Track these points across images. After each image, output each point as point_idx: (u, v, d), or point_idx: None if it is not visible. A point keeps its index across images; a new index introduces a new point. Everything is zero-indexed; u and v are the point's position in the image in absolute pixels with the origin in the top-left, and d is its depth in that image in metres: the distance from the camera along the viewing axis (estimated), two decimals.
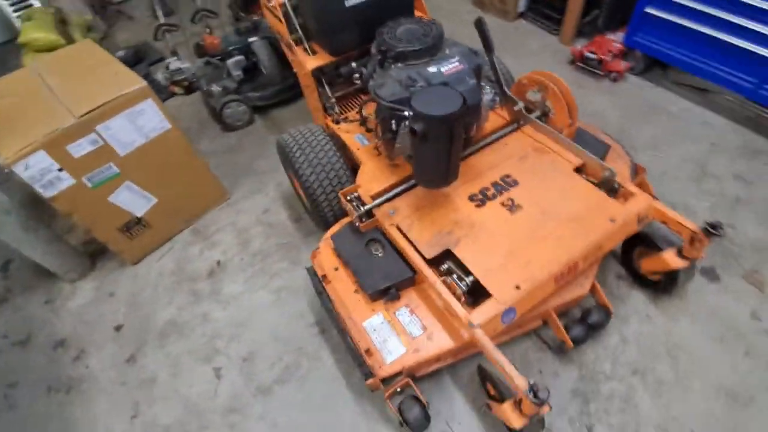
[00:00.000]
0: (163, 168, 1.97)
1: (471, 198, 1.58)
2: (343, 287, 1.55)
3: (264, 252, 2.08)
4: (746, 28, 1.96)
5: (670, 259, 1.44)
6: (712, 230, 1.32)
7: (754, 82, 2.06)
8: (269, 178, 2.44)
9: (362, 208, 1.54)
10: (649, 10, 2.32)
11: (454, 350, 1.38)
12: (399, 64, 1.49)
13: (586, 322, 1.50)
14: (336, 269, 1.62)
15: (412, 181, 1.65)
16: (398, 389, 1.36)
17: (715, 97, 2.40)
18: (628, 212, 1.44)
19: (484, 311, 1.28)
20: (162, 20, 3.10)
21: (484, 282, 1.34)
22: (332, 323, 1.55)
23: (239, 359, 1.72)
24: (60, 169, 1.65)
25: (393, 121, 1.50)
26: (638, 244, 1.62)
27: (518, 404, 1.17)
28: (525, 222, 1.48)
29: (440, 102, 1.21)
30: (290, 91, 2.82)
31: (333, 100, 1.94)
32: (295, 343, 1.73)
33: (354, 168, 1.77)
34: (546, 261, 1.36)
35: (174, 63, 3.01)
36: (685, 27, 2.21)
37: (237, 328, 1.81)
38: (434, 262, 1.45)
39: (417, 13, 1.99)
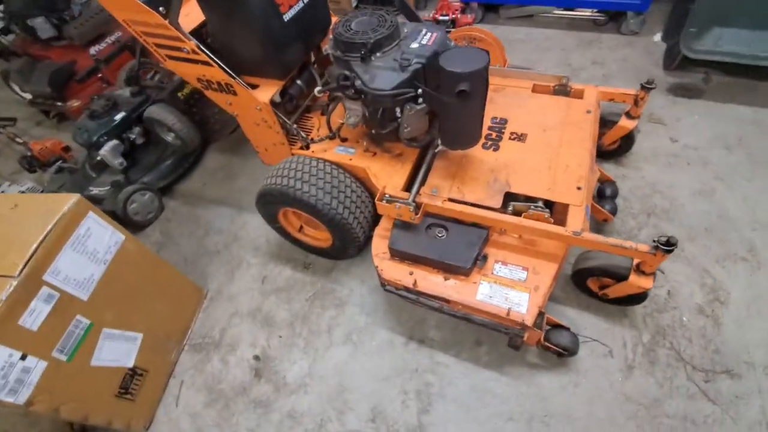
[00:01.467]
0: (133, 291, 1.52)
1: (484, 147, 1.69)
2: (431, 283, 1.50)
3: (299, 315, 1.81)
4: None
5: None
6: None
7: None
8: (237, 248, 2.11)
9: (413, 202, 1.50)
10: None
11: (559, 267, 1.50)
12: (377, 54, 1.48)
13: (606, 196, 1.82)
14: (411, 273, 1.55)
15: (428, 158, 1.68)
16: (547, 327, 1.42)
17: (539, 19, 3.07)
18: (591, 101, 1.78)
19: (575, 217, 1.43)
20: None
21: (557, 198, 1.49)
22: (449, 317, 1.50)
23: (367, 422, 1.50)
24: (23, 357, 1.13)
25: (397, 108, 1.49)
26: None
27: (639, 268, 1.38)
28: (538, 143, 1.68)
29: (469, 59, 1.27)
30: (191, 156, 2.45)
31: (295, 126, 1.78)
32: (408, 368, 1.60)
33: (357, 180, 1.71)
34: (576, 159, 1.59)
35: (11, 189, 2.26)
36: None
37: (337, 399, 1.56)
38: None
39: None
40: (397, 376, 1.59)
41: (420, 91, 1.42)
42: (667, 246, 1.27)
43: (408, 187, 1.63)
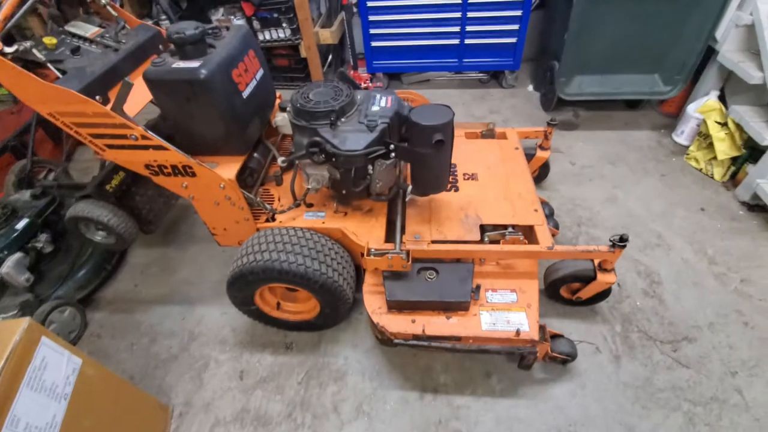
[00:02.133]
0: (100, 422, 1.22)
1: (446, 189, 1.85)
2: (436, 325, 1.53)
3: (296, 403, 1.63)
4: (441, 33, 3.06)
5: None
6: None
7: (456, 61, 3.23)
8: (197, 347, 1.85)
9: (402, 254, 1.54)
10: (375, 44, 3.17)
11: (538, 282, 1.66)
12: (342, 119, 1.56)
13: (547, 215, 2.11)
14: (413, 321, 1.56)
15: (400, 208, 1.76)
16: (550, 336, 1.53)
17: (435, 82, 3.56)
18: (515, 139, 2.11)
19: (542, 234, 1.63)
20: None
21: (522, 222, 1.69)
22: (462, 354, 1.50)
23: None
24: None
25: (369, 166, 1.57)
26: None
27: (600, 266, 1.61)
28: (488, 179, 1.90)
29: (436, 114, 1.44)
30: (113, 257, 2.14)
31: (259, 199, 1.71)
32: (431, 422, 1.53)
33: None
34: (524, 187, 1.84)
35: None
36: (401, 46, 3.17)
37: None
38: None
39: None
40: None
41: (392, 147, 1.53)
42: (621, 242, 1.52)
43: (388, 239, 1.68)
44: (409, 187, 1.70)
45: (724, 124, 2.31)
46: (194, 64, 1.37)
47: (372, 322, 1.61)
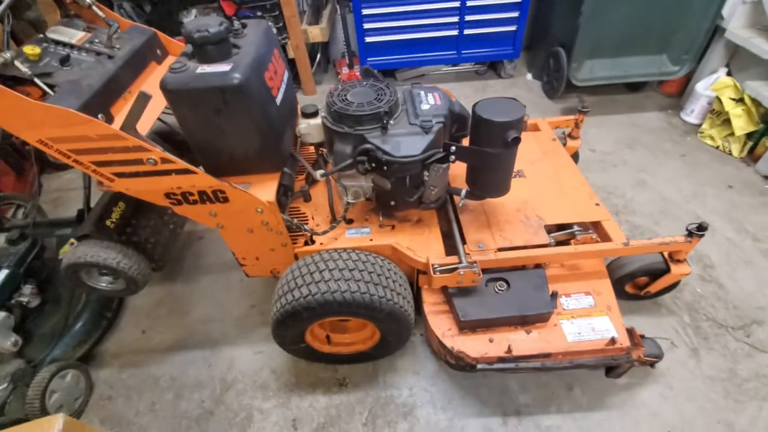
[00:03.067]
0: None
1: None
2: (519, 342, 1.38)
3: None
4: (439, 24, 2.90)
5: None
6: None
7: (455, 53, 3.09)
8: (234, 397, 1.60)
9: (474, 268, 1.37)
10: (369, 39, 2.97)
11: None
12: (391, 122, 1.37)
13: None
14: (491, 340, 1.40)
15: (453, 215, 1.59)
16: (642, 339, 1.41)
17: (431, 77, 3.41)
18: (548, 130, 2.00)
19: (613, 230, 1.52)
20: None
21: (588, 218, 1.57)
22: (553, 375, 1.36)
23: None
24: None
25: (425, 172, 1.40)
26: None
27: (671, 257, 1.52)
28: (537, 175, 1.77)
29: (506, 108, 1.29)
30: (112, 304, 1.84)
31: (296, 220, 1.48)
32: None
33: None
34: (575, 179, 1.74)
35: None
36: (398, 40, 2.99)
37: None
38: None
39: None
40: None
41: (453, 149, 1.36)
42: (699, 231, 1.44)
43: (449, 251, 1.51)
44: (463, 191, 1.53)
45: (739, 100, 2.32)
46: (224, 67, 1.13)
47: (440, 346, 1.44)
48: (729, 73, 2.48)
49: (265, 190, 1.34)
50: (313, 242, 1.54)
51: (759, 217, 2.06)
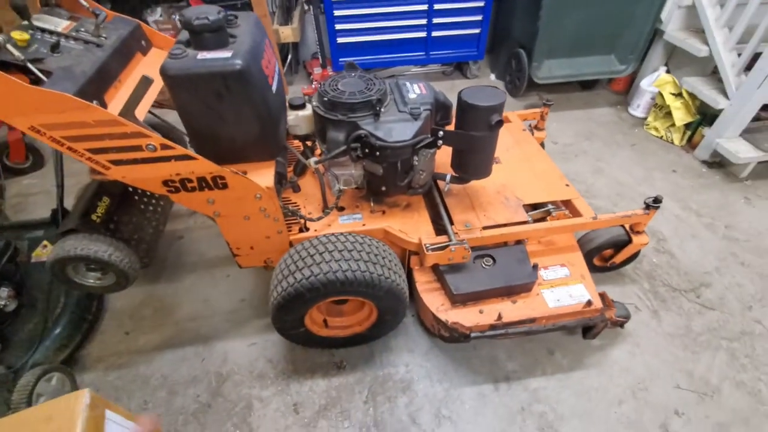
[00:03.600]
0: None
1: None
2: (507, 311, 1.50)
3: (368, 424, 1.48)
4: (409, 26, 3.03)
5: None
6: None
7: (423, 54, 3.23)
8: (232, 389, 1.60)
9: (464, 244, 1.47)
10: (341, 40, 3.04)
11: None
12: (382, 109, 1.45)
13: None
14: (481, 311, 1.50)
15: (439, 199, 1.69)
16: (612, 302, 1.57)
17: (399, 78, 3.53)
18: (518, 122, 2.17)
19: (582, 206, 1.68)
20: None
21: (562, 197, 1.73)
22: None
23: None
24: None
25: (414, 157, 1.49)
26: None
27: (632, 230, 1.71)
28: (512, 161, 1.91)
29: (489, 94, 1.40)
30: (92, 305, 1.77)
31: (291, 207, 1.51)
32: (514, 411, 1.49)
33: None
34: (546, 164, 1.89)
35: None
36: (369, 41, 3.09)
37: None
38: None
39: None
40: (511, 425, 1.46)
41: (440, 133, 1.46)
42: (655, 203, 1.63)
43: (438, 232, 1.60)
44: (448, 176, 1.64)
45: (678, 95, 2.61)
46: (225, 53, 1.17)
47: (435, 321, 1.53)
48: (668, 71, 2.79)
49: (262, 176, 1.37)
50: (307, 229, 1.58)
51: (700, 196, 2.34)
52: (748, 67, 2.25)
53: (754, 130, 2.44)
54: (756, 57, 2.19)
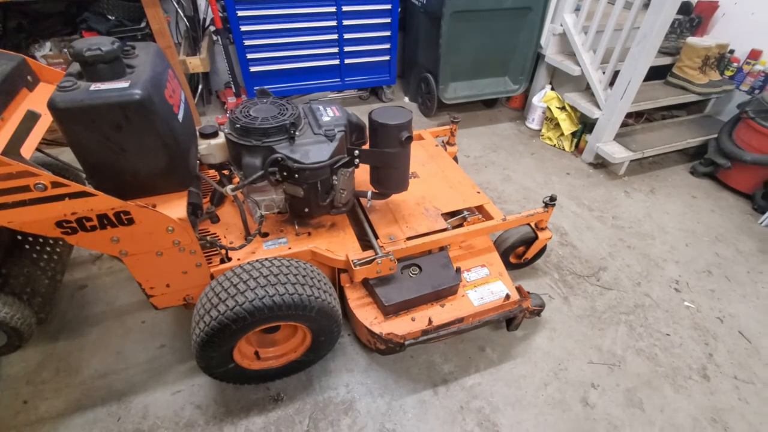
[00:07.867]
0: None
1: None
2: (437, 316, 1.57)
3: None
4: (322, 54, 3.12)
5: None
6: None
7: (338, 80, 3.34)
8: None
9: (390, 255, 1.53)
10: (253, 69, 3.04)
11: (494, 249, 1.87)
12: (297, 133, 1.48)
13: None
14: (413, 319, 1.56)
15: (362, 215, 1.75)
16: (528, 294, 1.72)
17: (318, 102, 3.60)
18: (431, 138, 2.33)
19: (492, 210, 1.85)
20: None
21: (475, 203, 1.88)
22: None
23: None
24: None
25: (334, 176, 1.53)
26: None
27: (537, 227, 1.92)
28: (428, 174, 2.05)
29: (396, 113, 1.50)
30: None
31: (209, 237, 1.45)
32: (454, 411, 1.54)
33: None
34: (458, 175, 2.05)
35: None
36: (283, 69, 3.12)
37: None
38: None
39: None
40: (453, 425, 1.51)
41: (356, 152, 1.52)
42: (551, 201, 1.84)
43: (364, 248, 1.64)
44: (369, 193, 1.70)
45: (563, 108, 3.01)
46: (121, 83, 1.12)
47: (369, 335, 1.55)
48: (552, 88, 3.21)
49: (173, 207, 1.30)
50: (229, 259, 1.53)
51: (590, 194, 2.68)
52: (612, 83, 2.67)
53: (624, 134, 2.89)
54: (617, 74, 2.62)
